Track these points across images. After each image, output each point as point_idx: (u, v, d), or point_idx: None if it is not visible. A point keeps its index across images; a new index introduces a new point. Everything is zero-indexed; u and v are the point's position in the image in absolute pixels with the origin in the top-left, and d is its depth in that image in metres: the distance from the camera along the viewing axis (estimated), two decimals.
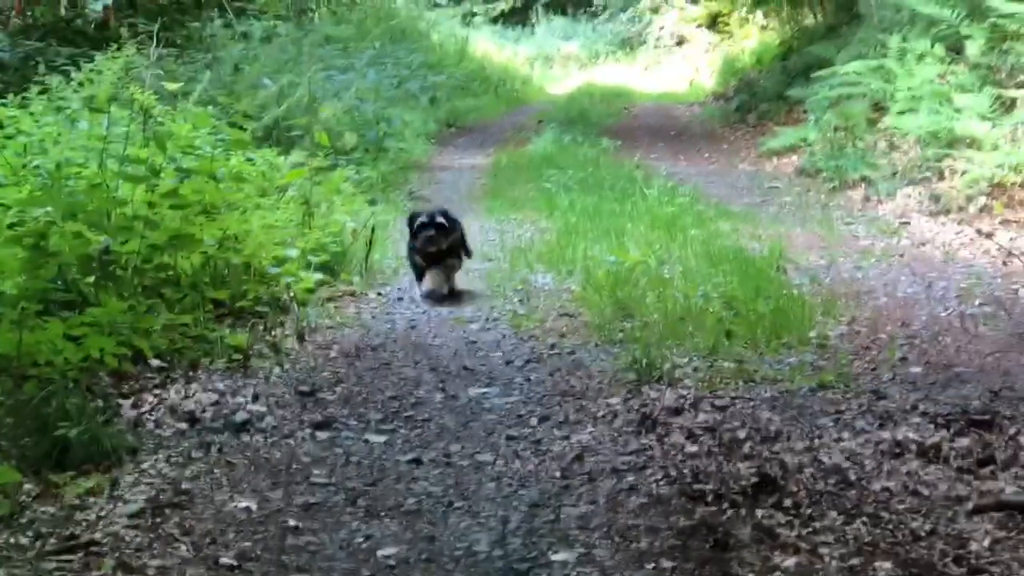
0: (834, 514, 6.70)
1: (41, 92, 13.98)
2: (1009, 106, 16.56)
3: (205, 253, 10.67)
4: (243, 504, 7.13)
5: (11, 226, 9.71)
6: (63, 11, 17.42)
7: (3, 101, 13.34)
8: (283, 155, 14.59)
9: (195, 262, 10.51)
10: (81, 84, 14.24)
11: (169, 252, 10.37)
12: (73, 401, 7.96)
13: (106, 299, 9.22)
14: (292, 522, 6.90)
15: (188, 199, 10.82)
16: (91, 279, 9.61)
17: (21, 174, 10.81)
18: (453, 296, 12.38)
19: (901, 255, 13.96)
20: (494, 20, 51.11)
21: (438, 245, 12.15)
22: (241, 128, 13.87)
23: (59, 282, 9.37)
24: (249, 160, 13.27)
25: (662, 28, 48.77)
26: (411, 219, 12.69)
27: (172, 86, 13.73)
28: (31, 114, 12.94)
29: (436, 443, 8.15)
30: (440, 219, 12.26)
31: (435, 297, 12.37)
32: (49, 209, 10.02)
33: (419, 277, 12.55)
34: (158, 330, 9.43)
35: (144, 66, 14.58)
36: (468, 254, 13.30)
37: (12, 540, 6.46)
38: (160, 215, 10.41)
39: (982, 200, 15.63)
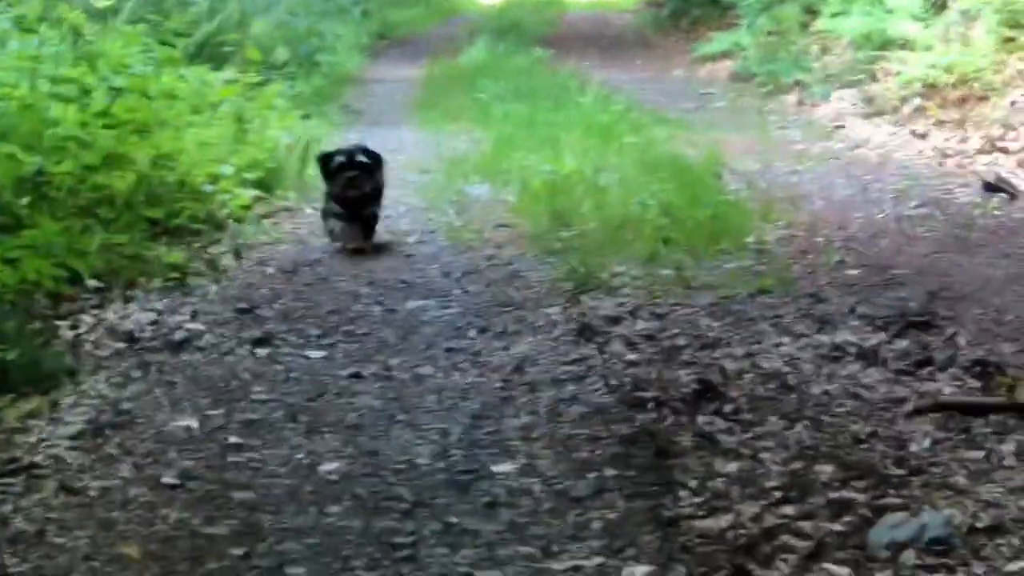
0: (775, 419, 6.73)
1: None
2: (941, 6, 16.58)
3: (139, 172, 10.63)
4: (184, 423, 7.13)
5: None
6: None
7: None
8: (215, 72, 14.51)
9: (129, 181, 10.45)
10: (10, 3, 14.12)
11: (103, 172, 10.33)
12: (10, 324, 7.95)
13: (41, 220, 9.19)
14: (233, 439, 6.91)
15: (121, 118, 10.80)
16: (25, 201, 9.56)
17: None
18: (373, 251, 10.64)
19: (836, 158, 14.05)
20: None
21: (361, 189, 10.27)
22: (172, 46, 13.82)
23: None
24: (181, 78, 13.21)
25: None
26: (324, 159, 10.86)
27: (102, 4, 13.66)
28: None
29: (376, 357, 8.16)
30: (361, 157, 10.45)
31: (360, 251, 10.74)
32: None
33: (332, 230, 10.78)
34: (94, 250, 9.39)
35: None
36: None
37: None
38: (93, 135, 10.38)
39: (916, 101, 15.68)
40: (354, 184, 10.12)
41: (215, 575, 5.43)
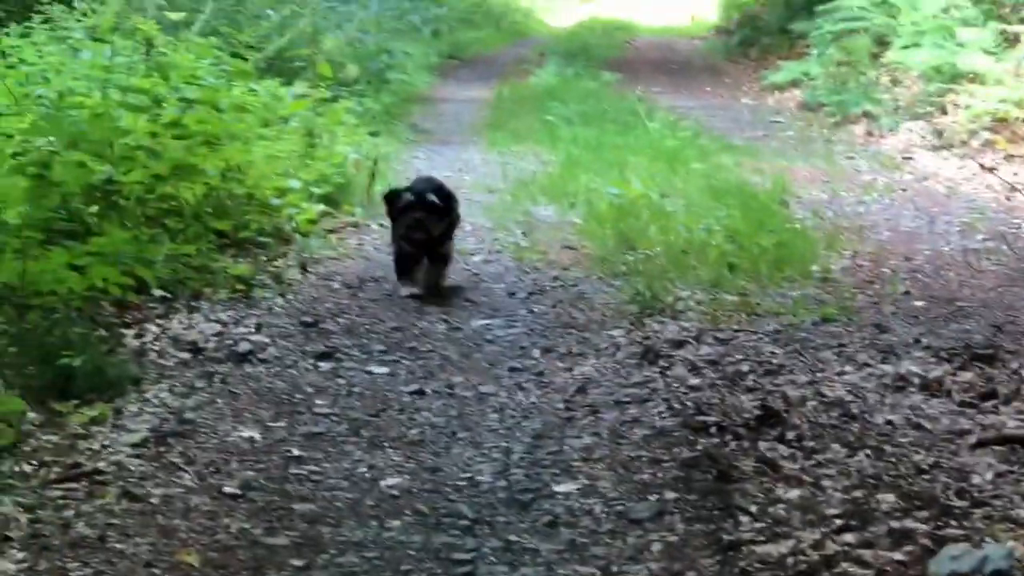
0: (837, 447, 6.71)
1: (44, 22, 13.93)
2: (1013, 41, 16.57)
3: (208, 184, 10.66)
4: (246, 434, 7.15)
5: (14, 155, 9.70)
6: None
7: (5, 30, 13.30)
8: (285, 86, 14.56)
9: (198, 192, 10.49)
10: (84, 14, 14.19)
11: (172, 182, 10.35)
12: (77, 331, 7.98)
13: (109, 229, 9.21)
14: (295, 452, 6.93)
15: (191, 129, 10.82)
16: (94, 209, 9.60)
17: (24, 104, 10.78)
18: (442, 295, 9.62)
19: (904, 190, 13.97)
20: None
21: (429, 232, 9.09)
22: (243, 59, 13.87)
23: (62, 212, 9.35)
24: (252, 91, 13.23)
25: None
26: (391, 198, 9.70)
27: (175, 16, 13.71)
28: (34, 44, 12.90)
29: (439, 374, 8.18)
30: (432, 197, 9.23)
31: (418, 297, 9.61)
32: (52, 139, 10.00)
33: (402, 272, 9.62)
34: (161, 260, 9.41)
35: None
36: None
37: (16, 468, 6.47)
38: (163, 145, 10.41)
39: (985, 135, 15.63)
40: (421, 226, 9.02)
41: None
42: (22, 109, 10.49)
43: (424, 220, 9.02)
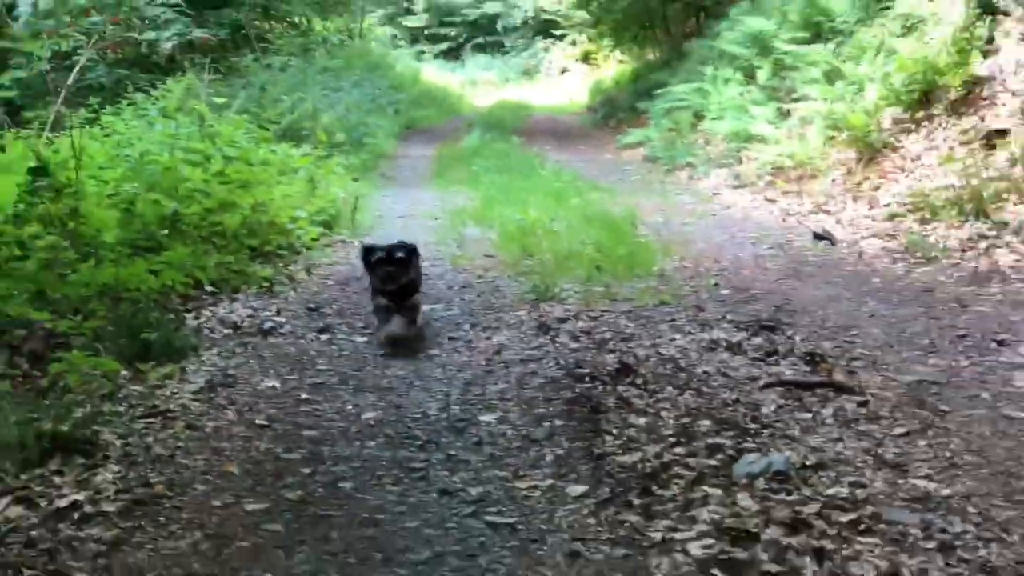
0: (670, 389, 6.73)
1: (129, 104, 13.88)
2: (786, 114, 16.65)
3: (243, 214, 10.64)
4: (270, 383, 7.13)
5: (109, 196, 9.67)
6: (143, 49, 17.23)
7: (103, 111, 13.23)
8: (295, 147, 14.53)
9: (236, 220, 10.47)
10: (156, 99, 14.13)
11: (218, 213, 10.35)
12: (153, 315, 7.94)
13: (175, 245, 9.19)
14: (304, 395, 6.92)
15: (231, 177, 10.85)
16: (165, 232, 9.58)
17: (116, 160, 10.72)
18: (418, 339, 8.19)
19: (713, 215, 14.05)
20: (436, 56, 51.04)
21: (398, 281, 8.18)
22: (266, 129, 13.87)
23: (143, 234, 9.32)
24: (272, 151, 13.23)
25: (551, 62, 48.78)
26: (366, 253, 8.58)
27: (219, 100, 13.71)
28: (122, 119, 12.87)
29: (401, 341, 8.14)
30: (399, 254, 8.29)
31: (398, 343, 8.16)
32: (135, 184, 10.00)
33: (382, 320, 8.33)
34: (211, 266, 9.37)
35: (200, 87, 14.44)
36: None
37: (113, 408, 6.43)
38: (212, 188, 10.43)
39: (768, 178, 15.75)
40: (392, 277, 8.05)
41: (291, 487, 5.43)
42: (115, 164, 10.43)
43: (394, 272, 8.01)
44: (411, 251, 8.42)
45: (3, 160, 10.08)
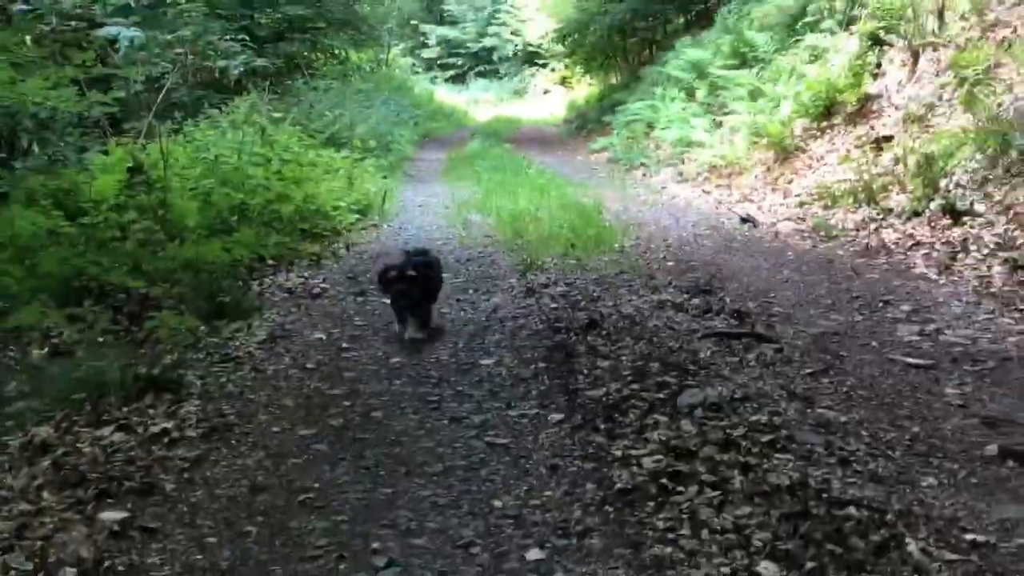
0: (628, 339, 6.71)
1: (205, 118, 13.81)
2: (719, 125, 16.60)
3: (296, 204, 10.61)
4: (318, 336, 7.12)
5: (191, 190, 9.62)
6: (216, 74, 17.12)
7: (185, 124, 13.17)
8: (336, 152, 14.46)
9: (290, 209, 10.45)
10: (227, 114, 14.05)
11: (277, 204, 10.32)
12: (226, 282, 7.94)
13: (243, 228, 9.17)
14: (345, 344, 6.91)
15: (286, 176, 10.81)
16: (235, 218, 9.55)
17: (195, 162, 10.67)
18: (430, 336, 7.10)
19: (662, 204, 13.98)
20: (446, 80, 50.84)
21: (411, 298, 7.11)
22: (313, 137, 13.82)
23: (217, 220, 9.29)
24: (318, 155, 13.17)
25: (536, 85, 48.57)
26: (383, 274, 7.22)
27: (276, 115, 13.65)
28: (200, 130, 12.79)
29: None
30: (411, 272, 7.11)
31: (415, 341, 7.06)
32: (211, 181, 9.95)
33: (400, 320, 7.27)
34: (271, 245, 9.37)
35: (261, 104, 14.37)
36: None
37: (195, 356, 6.42)
38: (271, 184, 10.38)
39: (704, 174, 15.68)
40: (405, 296, 7.00)
41: (334, 416, 5.42)
42: (195, 165, 10.39)
43: (407, 291, 6.91)
44: (428, 263, 7.28)
45: (107, 162, 10.00)
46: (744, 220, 11.83)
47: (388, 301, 7.30)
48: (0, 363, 6.36)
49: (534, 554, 3.82)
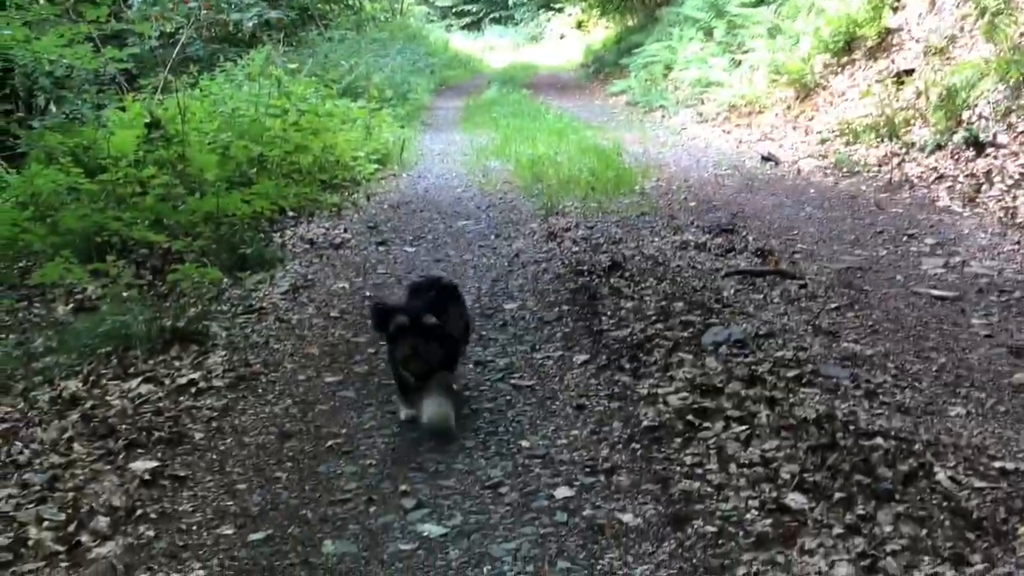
0: (651, 279, 6.70)
1: (221, 71, 13.78)
2: (738, 64, 16.43)
3: (314, 155, 10.55)
4: (341, 285, 7.12)
5: (209, 143, 9.58)
6: (231, 28, 17.08)
7: (201, 78, 13.13)
8: (353, 102, 14.37)
9: (309, 160, 10.40)
10: (243, 66, 14.01)
11: (295, 155, 10.28)
12: (247, 234, 7.94)
13: (262, 180, 9.15)
14: (367, 293, 6.90)
15: (304, 126, 10.72)
16: (253, 170, 9.53)
17: (213, 116, 10.64)
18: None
19: (682, 145, 13.87)
20: (461, 28, 50.46)
21: (428, 363, 4.40)
22: (330, 88, 13.73)
23: (236, 172, 9.27)
24: (335, 105, 13.05)
25: (552, 30, 48.11)
26: (381, 315, 4.67)
27: (292, 66, 13.57)
28: (216, 83, 12.76)
29: (442, 250, 8.11)
30: (430, 320, 4.42)
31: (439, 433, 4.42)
32: (229, 134, 9.91)
33: (406, 398, 4.62)
34: (291, 196, 9.35)
35: (276, 56, 14.33)
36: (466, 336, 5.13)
37: (218, 308, 6.44)
38: (289, 135, 10.31)
39: (724, 114, 15.54)
40: (418, 357, 4.37)
41: (360, 363, 5.44)
42: (212, 119, 10.35)
43: (421, 349, 4.36)
44: (446, 297, 4.79)
45: (124, 118, 9.98)
46: (765, 159, 11.75)
47: (390, 363, 4.67)
48: (26, 320, 6.41)
49: (562, 492, 3.84)
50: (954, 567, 3.15)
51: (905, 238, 7.70)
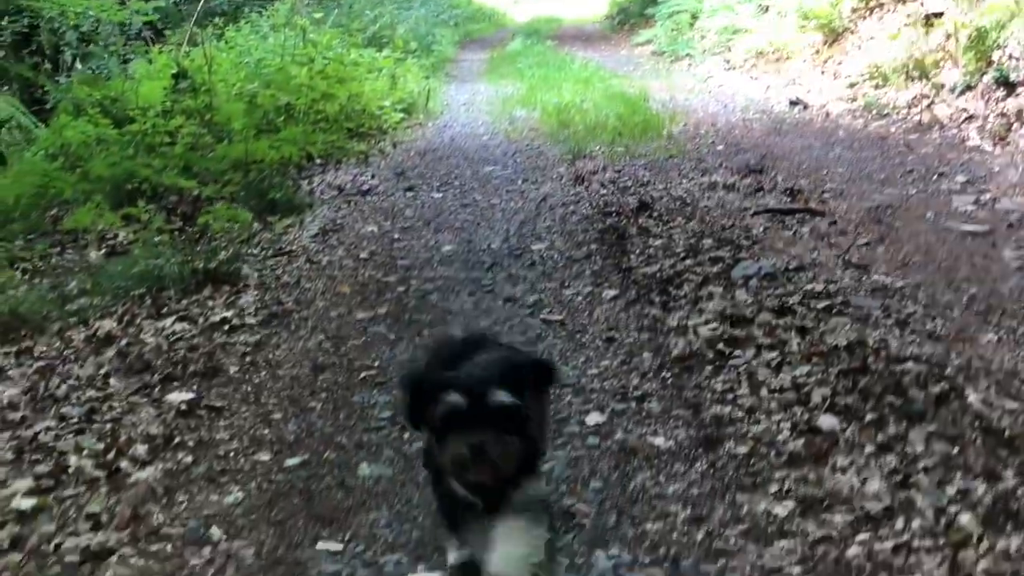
0: (680, 219, 6.71)
1: (246, 23, 13.76)
2: (765, 10, 16.28)
3: (340, 104, 10.60)
4: (370, 228, 7.16)
5: (236, 94, 9.62)
6: None
7: (227, 29, 13.12)
8: (379, 52, 14.34)
9: (336, 108, 10.45)
10: (268, 16, 13.99)
11: (322, 103, 10.31)
12: (276, 180, 7.99)
13: (290, 128, 9.19)
14: (396, 235, 6.94)
15: (330, 75, 10.74)
16: (281, 118, 9.57)
17: (239, 66, 10.68)
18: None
19: (709, 92, 13.82)
20: None
21: (499, 468, 2.37)
22: (355, 37, 13.74)
23: (264, 120, 9.30)
24: (361, 55, 13.06)
25: None
26: (417, 391, 2.49)
27: (317, 16, 13.54)
28: (242, 34, 12.78)
29: (469, 195, 8.13)
30: (499, 397, 2.35)
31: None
32: (255, 83, 9.95)
33: (452, 524, 2.64)
34: (319, 144, 9.39)
35: (300, 6, 14.30)
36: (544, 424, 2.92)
37: (249, 251, 6.49)
38: (315, 84, 10.33)
39: (752, 61, 15.43)
40: (484, 459, 2.35)
41: (389, 301, 5.48)
42: (239, 69, 10.39)
43: (490, 447, 2.36)
44: (525, 377, 2.54)
45: (151, 70, 10.04)
46: (793, 103, 11.68)
47: (425, 466, 2.88)
48: (59, 265, 6.47)
49: (594, 418, 3.87)
50: (986, 482, 3.15)
51: (935, 177, 7.65)
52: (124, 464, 3.65)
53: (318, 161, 9.32)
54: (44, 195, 7.51)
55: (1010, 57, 9.65)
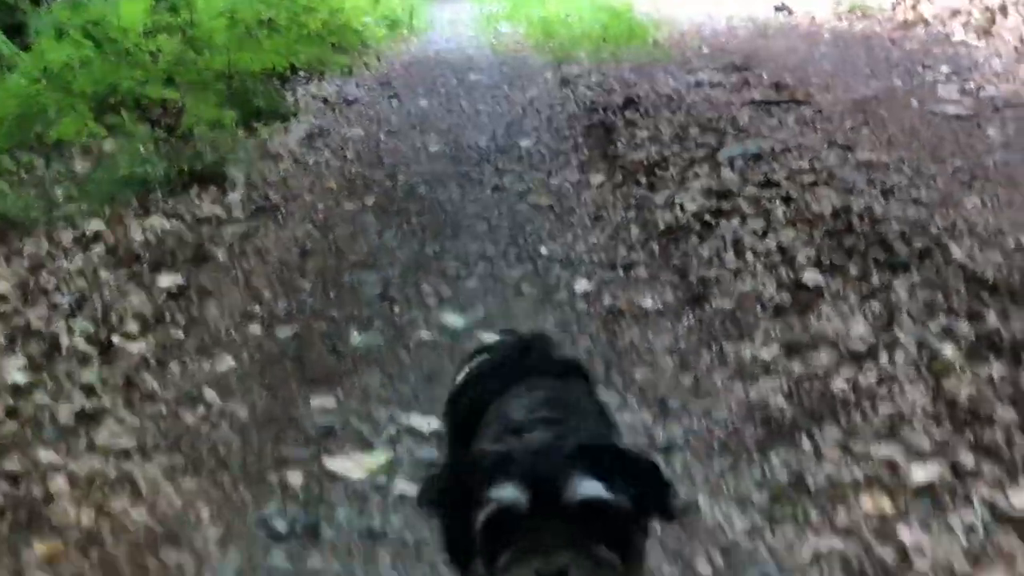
0: (666, 112, 6.72)
1: None
2: None
3: (323, 18, 10.49)
4: (356, 132, 7.13)
5: (219, 13, 9.52)
6: None
7: None
8: None
9: (319, 22, 10.34)
10: None
11: (304, 16, 10.20)
12: (261, 89, 7.92)
13: (274, 39, 9.12)
14: (382, 138, 6.94)
15: None
16: (264, 32, 9.47)
17: None
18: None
19: (694, 2, 13.62)
20: None
21: None
22: None
23: (249, 33, 9.21)
24: None
25: None
26: (456, 480, 1.46)
27: None
28: None
29: (456, 100, 8.11)
30: (590, 490, 1.32)
31: None
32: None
33: None
34: (302, 56, 9.31)
35: None
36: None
37: (235, 155, 6.39)
38: None
39: None
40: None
41: (377, 195, 5.47)
42: None
43: (575, 572, 1.25)
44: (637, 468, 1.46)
45: None
46: (778, 9, 11.63)
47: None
48: (46, 176, 6.44)
49: (582, 285, 3.90)
50: (969, 321, 3.19)
51: (921, 69, 7.66)
52: (116, 339, 3.67)
53: (302, 73, 9.24)
54: (27, 115, 7.45)
55: None
